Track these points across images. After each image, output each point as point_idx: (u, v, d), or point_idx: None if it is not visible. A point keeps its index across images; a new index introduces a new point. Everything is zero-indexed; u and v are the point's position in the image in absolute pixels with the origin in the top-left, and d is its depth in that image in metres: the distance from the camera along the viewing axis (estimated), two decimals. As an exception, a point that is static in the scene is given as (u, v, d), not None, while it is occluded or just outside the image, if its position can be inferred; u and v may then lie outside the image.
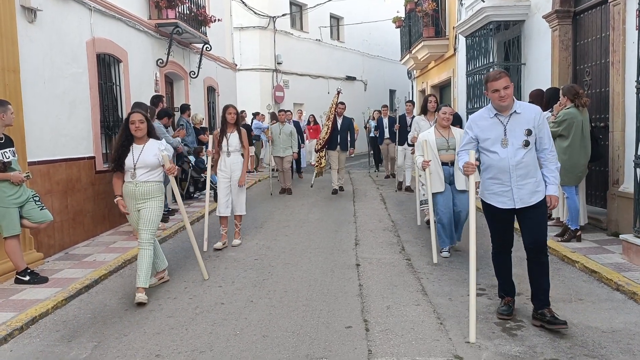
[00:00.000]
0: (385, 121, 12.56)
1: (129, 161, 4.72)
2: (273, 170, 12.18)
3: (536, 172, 3.86)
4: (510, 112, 3.84)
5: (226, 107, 6.67)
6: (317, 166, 11.32)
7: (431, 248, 5.82)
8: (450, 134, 5.96)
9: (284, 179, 11.32)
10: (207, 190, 7.04)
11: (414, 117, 10.46)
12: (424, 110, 7.95)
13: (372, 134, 14.92)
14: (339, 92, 11.09)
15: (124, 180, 4.79)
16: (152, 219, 4.78)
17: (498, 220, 4.02)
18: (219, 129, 6.75)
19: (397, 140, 11.06)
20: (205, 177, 10.17)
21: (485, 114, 3.97)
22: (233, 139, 6.56)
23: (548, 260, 3.93)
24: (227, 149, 6.55)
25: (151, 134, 4.85)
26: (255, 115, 16.12)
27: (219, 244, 6.51)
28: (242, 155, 6.71)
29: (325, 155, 11.11)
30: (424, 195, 6.51)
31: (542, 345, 3.58)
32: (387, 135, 12.49)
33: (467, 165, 3.84)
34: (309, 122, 16.36)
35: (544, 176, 3.89)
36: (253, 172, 15.52)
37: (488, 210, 4.03)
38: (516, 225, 4.11)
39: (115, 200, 4.86)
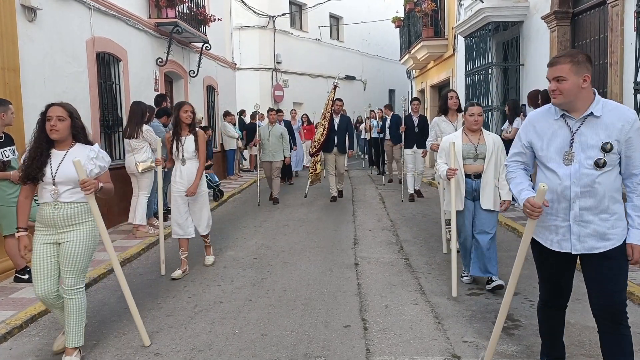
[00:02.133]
0: (388, 121, 12.02)
1: (47, 174, 3.38)
2: (258, 175, 10.42)
3: (614, 206, 2.66)
4: (584, 114, 2.65)
5: (181, 104, 5.55)
6: (311, 173, 9.98)
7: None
8: (481, 140, 4.74)
9: (272, 186, 10.11)
10: (160, 207, 5.70)
11: (421, 116, 9.88)
12: (444, 110, 6.52)
13: (374, 134, 14.21)
14: (335, 87, 9.84)
15: (39, 201, 3.51)
16: (78, 255, 3.43)
17: (549, 264, 2.87)
18: (170, 132, 5.61)
19: (403, 143, 9.86)
20: (205, 176, 10.28)
21: (548, 113, 2.79)
22: (188, 143, 5.46)
23: (630, 332, 2.70)
24: (182, 156, 5.46)
25: (79, 136, 3.53)
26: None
27: (177, 273, 5.38)
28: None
29: (320, 160, 9.91)
30: (445, 213, 5.59)
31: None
32: (388, 136, 11.96)
33: (530, 207, 2.63)
34: (302, 122, 15.93)
35: (627, 215, 2.69)
36: (253, 171, 15.54)
37: (535, 248, 2.89)
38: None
39: (17, 235, 3.50)
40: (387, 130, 12.00)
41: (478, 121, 4.73)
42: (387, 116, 12.41)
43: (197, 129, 5.57)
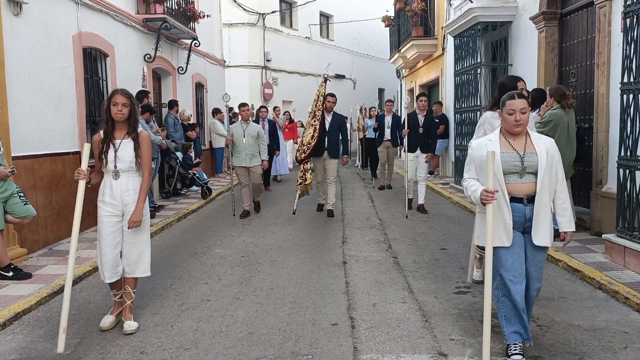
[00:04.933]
0: (388, 120, 10.82)
1: None
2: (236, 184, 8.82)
3: None
4: None
5: (112, 94, 3.88)
6: (300, 184, 8.37)
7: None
8: (528, 147, 3.27)
9: (251, 193, 8.70)
10: (74, 237, 3.84)
11: (427, 113, 8.57)
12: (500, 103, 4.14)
13: (368, 134, 12.96)
14: (326, 80, 8.44)
15: None
16: None
17: None
18: (100, 132, 3.94)
19: (405, 146, 8.53)
20: (193, 174, 10.20)
21: None
22: (125, 150, 3.88)
23: None
24: (115, 167, 3.87)
25: None
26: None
27: (108, 320, 3.95)
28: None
29: (310, 168, 8.45)
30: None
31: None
32: (387, 136, 10.80)
33: None
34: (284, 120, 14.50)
35: None
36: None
37: None
38: None
39: None
40: (387, 131, 10.83)
41: (521, 121, 3.22)
42: (387, 114, 11.00)
43: (140, 129, 3.98)
